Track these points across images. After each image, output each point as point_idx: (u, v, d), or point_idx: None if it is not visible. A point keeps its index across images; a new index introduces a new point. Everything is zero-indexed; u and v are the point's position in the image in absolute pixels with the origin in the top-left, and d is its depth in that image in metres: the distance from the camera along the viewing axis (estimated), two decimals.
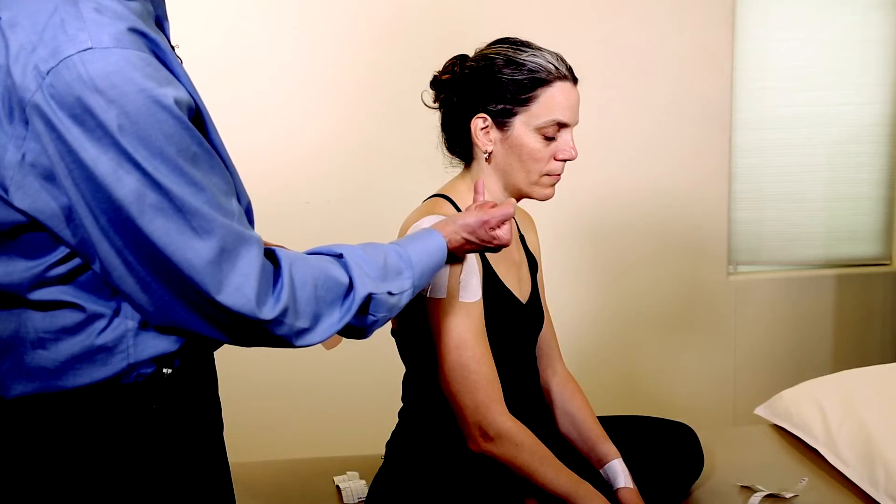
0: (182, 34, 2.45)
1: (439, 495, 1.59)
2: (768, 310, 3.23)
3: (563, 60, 1.58)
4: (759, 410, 2.26)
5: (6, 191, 1.00)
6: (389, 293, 1.23)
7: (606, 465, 1.69)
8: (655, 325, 3.15)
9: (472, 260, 1.56)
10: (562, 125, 1.57)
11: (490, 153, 1.60)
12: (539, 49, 1.58)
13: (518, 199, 1.67)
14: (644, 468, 1.73)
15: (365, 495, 1.85)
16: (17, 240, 1.04)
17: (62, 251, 1.05)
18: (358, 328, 1.23)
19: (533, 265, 1.77)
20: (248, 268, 1.07)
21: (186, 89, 1.07)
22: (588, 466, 1.71)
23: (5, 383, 1.09)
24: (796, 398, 2.17)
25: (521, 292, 1.69)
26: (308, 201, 2.74)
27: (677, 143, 3.04)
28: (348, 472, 1.97)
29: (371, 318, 1.22)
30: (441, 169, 1.71)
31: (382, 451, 1.78)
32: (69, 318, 1.07)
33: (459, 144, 1.65)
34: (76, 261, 1.06)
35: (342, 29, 2.76)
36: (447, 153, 1.69)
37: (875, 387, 2.11)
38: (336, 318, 1.17)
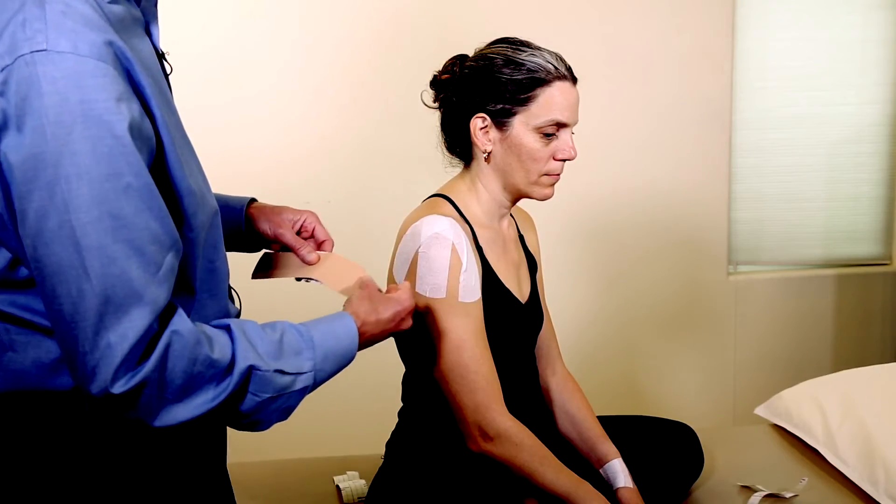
0: (182, 34, 2.46)
1: (439, 495, 1.59)
2: (768, 310, 3.23)
3: (562, 60, 1.58)
4: (759, 410, 2.26)
5: None
6: (279, 371, 1.09)
7: (606, 464, 1.69)
8: (655, 325, 3.15)
9: (472, 260, 1.56)
10: (561, 125, 1.57)
11: (489, 153, 1.60)
12: (538, 49, 1.58)
13: (518, 199, 1.67)
14: (644, 468, 1.73)
15: (365, 495, 1.85)
16: None
17: (5, 256, 1.01)
18: (241, 413, 1.08)
19: (532, 265, 1.77)
20: (131, 331, 0.97)
21: (153, 113, 1.01)
22: (588, 466, 1.71)
23: None
24: (796, 398, 2.17)
25: (521, 292, 1.69)
26: (308, 201, 2.74)
27: (677, 143, 3.04)
28: (348, 472, 1.97)
29: (254, 397, 1.07)
30: (441, 169, 1.71)
31: (382, 451, 1.78)
32: (36, 325, 1.04)
33: (459, 144, 1.65)
34: (19, 268, 1.02)
35: (342, 29, 2.76)
36: (447, 153, 1.69)
37: (875, 387, 2.11)
38: (209, 395, 1.04)
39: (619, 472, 1.67)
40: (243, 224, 1.42)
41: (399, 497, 1.64)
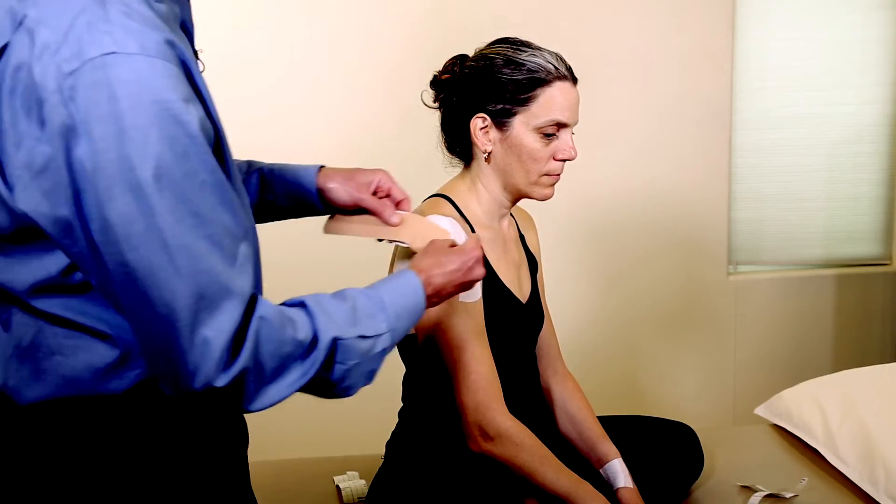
0: None
1: (439, 495, 1.59)
2: (768, 310, 3.23)
3: (562, 60, 1.58)
4: (759, 410, 2.26)
5: (11, 191, 0.96)
6: (361, 336, 1.11)
7: (606, 464, 1.69)
8: (655, 325, 3.15)
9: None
10: (561, 125, 1.57)
11: (489, 153, 1.60)
12: (539, 49, 1.58)
13: (518, 199, 1.67)
14: (644, 468, 1.73)
15: (365, 495, 1.85)
16: (14, 243, 1.00)
17: (64, 261, 1.01)
18: (330, 382, 1.10)
19: (533, 265, 1.77)
20: (225, 324, 0.98)
21: (210, 111, 1.01)
22: (588, 466, 1.71)
23: (21, 389, 1.05)
24: (796, 398, 2.17)
25: (521, 292, 1.69)
26: None
27: (677, 143, 3.04)
28: (348, 472, 1.97)
29: (341, 366, 1.09)
30: (441, 169, 1.71)
31: (382, 451, 1.78)
32: (87, 329, 1.04)
33: (459, 144, 1.65)
34: (76, 273, 1.01)
35: (342, 30, 2.76)
36: (447, 153, 1.69)
37: (875, 387, 2.11)
38: (297, 373, 1.06)
39: (620, 472, 1.67)
40: (315, 194, 1.41)
41: (399, 497, 1.63)
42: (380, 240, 1.44)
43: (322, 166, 1.44)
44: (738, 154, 3.13)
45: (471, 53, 1.64)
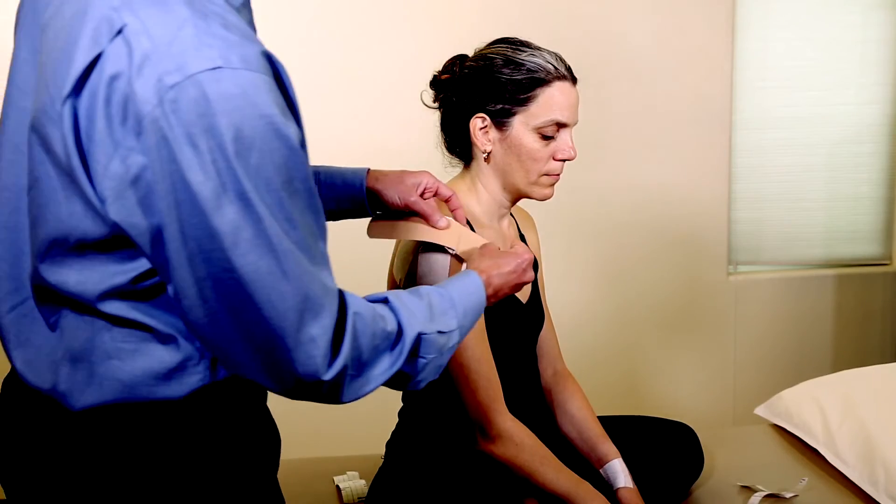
0: None
1: (439, 495, 1.59)
2: (768, 310, 3.23)
3: (562, 60, 1.58)
4: (759, 410, 2.26)
5: (103, 202, 0.96)
6: (439, 332, 1.15)
7: (606, 464, 1.69)
8: (655, 325, 3.15)
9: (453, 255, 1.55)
10: (561, 125, 1.57)
11: (489, 153, 1.60)
12: (538, 49, 1.58)
13: (518, 199, 1.67)
14: (644, 468, 1.73)
15: (365, 495, 1.85)
16: (99, 251, 1.00)
17: (141, 268, 1.01)
18: (408, 375, 1.14)
19: (533, 264, 1.77)
20: (327, 320, 1.01)
21: (299, 119, 1.02)
22: (588, 466, 1.71)
23: (74, 394, 1.04)
24: (796, 398, 2.17)
25: (522, 292, 1.69)
26: None
27: (677, 143, 3.04)
28: (348, 472, 1.97)
29: (422, 360, 1.13)
30: (441, 169, 1.71)
31: (382, 451, 1.78)
32: (148, 333, 1.04)
33: (459, 144, 1.65)
34: (154, 279, 1.02)
35: (343, 29, 2.76)
36: (446, 153, 1.69)
37: (875, 387, 2.11)
38: (385, 365, 1.10)
39: (620, 472, 1.67)
40: (365, 197, 1.44)
41: (399, 497, 1.64)
42: (426, 244, 1.49)
43: (368, 168, 1.46)
44: (738, 154, 3.13)
45: (470, 53, 1.64)
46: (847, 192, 3.23)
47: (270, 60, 0.98)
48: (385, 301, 1.14)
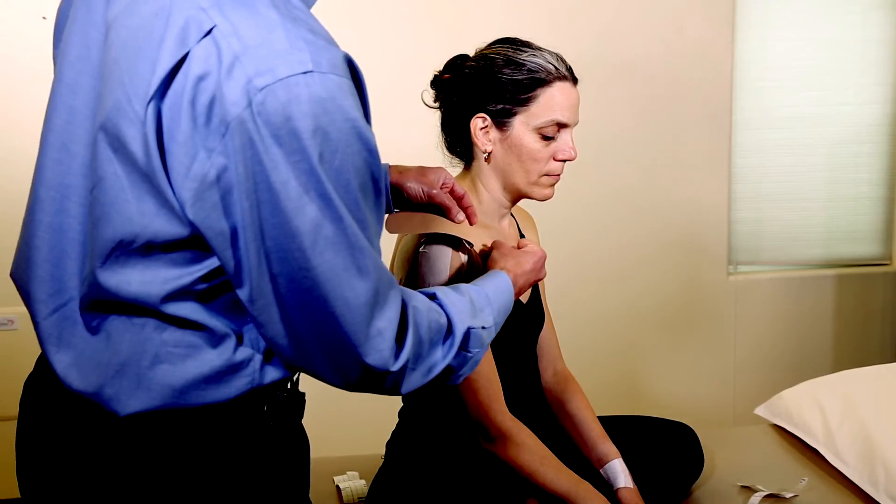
0: None
1: (439, 495, 1.59)
2: (768, 310, 3.23)
3: (562, 61, 1.58)
4: (759, 410, 2.26)
5: (183, 203, 0.96)
6: (483, 327, 1.18)
7: (606, 464, 1.69)
8: (655, 325, 3.15)
9: (472, 260, 1.56)
10: (561, 125, 1.57)
11: (489, 153, 1.60)
12: (539, 49, 1.58)
13: (518, 199, 1.67)
14: (644, 468, 1.73)
15: (365, 495, 1.85)
16: (167, 252, 1.00)
17: (207, 268, 1.01)
18: (454, 369, 1.15)
19: None
20: (392, 313, 1.04)
21: (369, 121, 1.04)
22: (588, 466, 1.71)
23: (121, 399, 1.03)
24: (796, 398, 2.17)
25: None
26: None
27: (677, 142, 3.04)
28: (348, 472, 1.97)
29: (467, 355, 1.16)
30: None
31: (382, 451, 1.78)
32: (200, 337, 1.04)
33: (459, 144, 1.65)
34: (217, 280, 1.02)
35: (344, 28, 2.76)
36: (447, 153, 1.69)
37: (875, 387, 2.11)
38: (439, 357, 1.12)
39: (620, 472, 1.67)
40: (389, 192, 1.46)
41: (399, 497, 1.64)
42: (426, 238, 1.51)
43: (388, 164, 1.47)
44: (738, 154, 3.13)
45: (471, 53, 1.64)
46: (847, 192, 3.23)
47: (351, 65, 1.00)
48: (433, 296, 1.16)
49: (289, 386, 1.15)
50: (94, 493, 1.05)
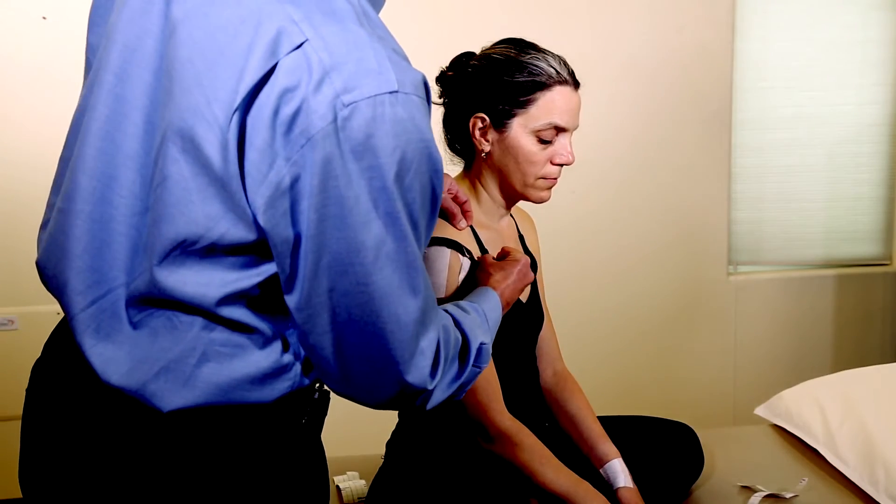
0: None
1: (439, 495, 1.59)
2: (768, 310, 3.23)
3: (565, 65, 1.57)
4: (759, 410, 2.26)
5: (256, 209, 0.96)
6: (488, 343, 1.20)
7: (606, 464, 1.69)
8: (655, 325, 3.15)
9: (470, 260, 1.56)
10: (560, 129, 1.56)
11: (488, 153, 1.60)
12: (543, 52, 1.57)
13: (514, 201, 1.67)
14: (644, 468, 1.73)
15: (365, 495, 1.85)
16: (229, 255, 1.00)
17: (265, 274, 1.02)
18: (465, 385, 1.16)
19: (532, 265, 1.77)
20: (434, 333, 1.05)
21: None
22: (588, 466, 1.71)
23: (164, 396, 1.03)
24: (796, 398, 2.17)
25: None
26: None
27: (677, 142, 3.04)
28: (348, 472, 1.97)
29: (475, 370, 1.16)
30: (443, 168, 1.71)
31: (382, 451, 1.78)
32: (247, 338, 1.04)
33: (459, 142, 1.65)
34: (269, 285, 1.02)
35: None
36: (447, 150, 1.69)
37: (875, 387, 2.11)
38: (456, 373, 1.13)
39: (619, 472, 1.67)
40: None
41: (399, 497, 1.64)
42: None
43: None
44: (738, 154, 3.13)
45: (477, 51, 1.64)
46: (847, 192, 3.23)
47: (426, 86, 1.01)
48: (447, 312, 1.17)
49: (317, 385, 1.16)
50: (124, 489, 1.04)
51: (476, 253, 1.58)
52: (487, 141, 1.59)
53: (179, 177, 0.98)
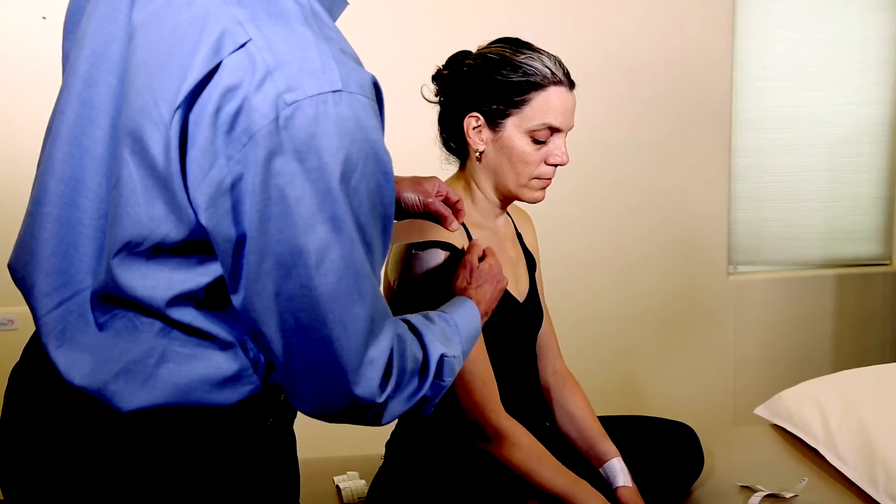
0: None
1: (439, 495, 1.59)
2: (768, 310, 3.23)
3: (560, 65, 1.57)
4: (759, 410, 2.26)
5: (197, 207, 0.96)
6: (454, 356, 1.17)
7: (605, 463, 1.69)
8: (655, 325, 3.14)
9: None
10: (554, 130, 1.56)
11: (482, 153, 1.60)
12: (538, 52, 1.57)
13: (509, 201, 1.66)
14: (644, 468, 1.73)
15: (365, 495, 1.85)
16: (173, 255, 1.00)
17: (212, 275, 1.01)
18: (427, 399, 1.13)
19: (531, 263, 1.77)
20: (385, 343, 1.03)
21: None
22: (587, 465, 1.70)
23: (125, 396, 1.03)
24: (796, 398, 2.17)
25: (518, 290, 1.69)
26: None
27: (677, 143, 3.04)
28: (348, 472, 1.97)
29: (441, 384, 1.13)
30: (437, 165, 1.71)
31: (382, 451, 1.78)
32: (206, 341, 1.04)
33: (454, 141, 1.65)
34: (217, 288, 1.02)
35: (346, 27, 2.76)
36: (443, 149, 1.69)
37: (875, 387, 2.11)
38: (416, 387, 1.09)
39: (619, 471, 1.67)
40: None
41: (399, 497, 1.64)
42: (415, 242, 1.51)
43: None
44: (738, 154, 3.13)
45: (474, 50, 1.63)
46: (847, 192, 3.23)
47: (376, 86, 1.00)
48: (408, 322, 1.15)
49: None
50: (89, 489, 1.05)
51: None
52: (481, 140, 1.59)
53: (128, 178, 0.99)
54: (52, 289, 1.06)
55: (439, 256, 1.54)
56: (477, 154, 1.60)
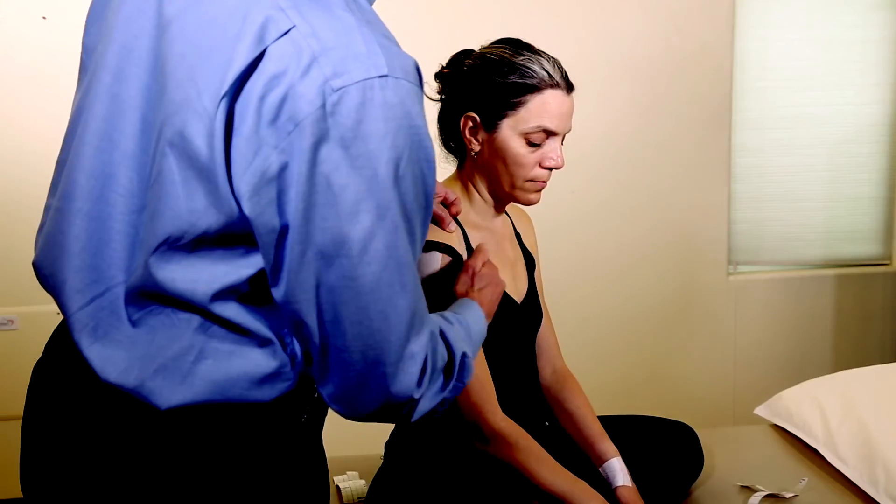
0: None
1: (439, 495, 1.59)
2: (768, 310, 3.23)
3: (559, 68, 1.57)
4: (759, 410, 2.26)
5: (240, 197, 0.95)
6: (468, 357, 1.15)
7: (605, 463, 1.69)
8: (655, 324, 3.14)
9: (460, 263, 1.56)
10: (549, 133, 1.55)
11: (478, 153, 1.60)
12: (537, 54, 1.57)
13: (504, 202, 1.66)
14: (644, 468, 1.73)
15: (365, 495, 1.85)
16: (216, 247, 0.99)
17: (254, 267, 1.00)
18: (446, 400, 1.11)
19: (530, 263, 1.77)
20: (425, 338, 1.01)
21: None
22: (587, 465, 1.70)
23: (163, 393, 1.01)
24: (796, 398, 2.17)
25: (517, 290, 1.69)
26: None
27: (677, 142, 3.04)
28: (348, 472, 1.97)
29: (458, 384, 1.11)
30: (438, 165, 1.70)
31: (382, 451, 1.78)
32: (245, 337, 1.03)
33: (453, 140, 1.65)
34: (260, 281, 1.01)
35: None
36: (441, 148, 1.69)
37: (875, 387, 2.11)
38: (441, 385, 1.08)
39: (618, 471, 1.67)
40: None
41: (399, 497, 1.64)
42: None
43: None
44: (738, 154, 3.13)
45: (477, 50, 1.63)
46: (847, 192, 3.22)
47: (418, 72, 0.99)
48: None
49: None
50: (122, 487, 1.04)
51: (466, 256, 1.58)
52: (477, 141, 1.59)
53: (168, 172, 0.98)
54: (83, 285, 1.04)
55: (436, 258, 1.53)
56: (473, 154, 1.60)
